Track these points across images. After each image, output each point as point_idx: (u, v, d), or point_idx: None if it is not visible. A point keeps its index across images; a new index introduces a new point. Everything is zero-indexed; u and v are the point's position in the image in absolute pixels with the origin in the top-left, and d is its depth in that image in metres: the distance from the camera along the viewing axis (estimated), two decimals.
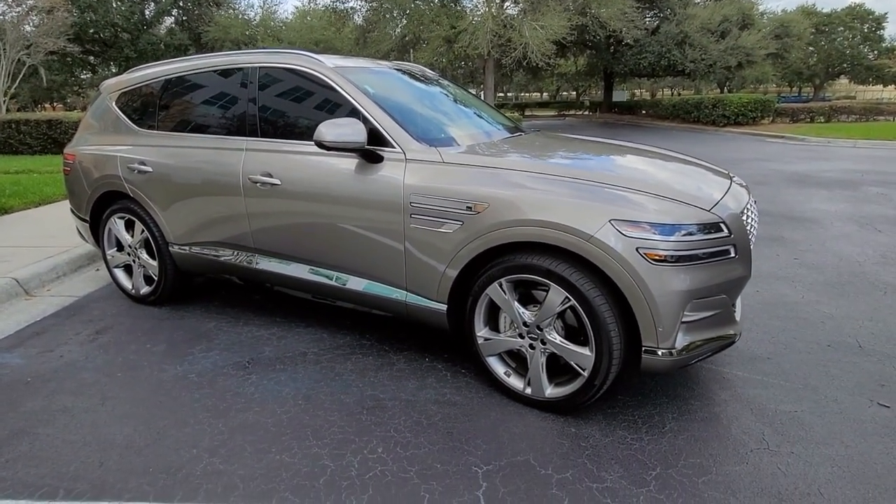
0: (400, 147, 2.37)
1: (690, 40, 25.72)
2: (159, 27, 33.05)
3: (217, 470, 1.88)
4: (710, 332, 2.04)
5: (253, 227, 2.81)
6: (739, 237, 2.01)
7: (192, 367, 2.62)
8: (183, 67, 3.16)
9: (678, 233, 1.89)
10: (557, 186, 2.05)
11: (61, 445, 2.03)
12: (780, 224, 5.29)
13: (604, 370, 2.00)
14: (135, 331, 3.06)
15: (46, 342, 2.92)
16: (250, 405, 2.28)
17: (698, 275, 1.92)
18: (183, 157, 3.00)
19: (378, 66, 3.09)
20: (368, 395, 2.35)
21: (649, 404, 2.26)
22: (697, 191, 2.10)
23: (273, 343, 2.87)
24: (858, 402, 2.25)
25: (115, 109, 3.42)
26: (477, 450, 1.98)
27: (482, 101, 3.61)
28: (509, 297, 2.17)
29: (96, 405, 2.30)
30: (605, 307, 1.96)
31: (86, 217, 3.56)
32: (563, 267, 2.00)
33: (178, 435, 2.08)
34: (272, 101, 2.79)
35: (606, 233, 1.90)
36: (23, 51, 17.32)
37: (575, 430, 2.09)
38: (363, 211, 2.41)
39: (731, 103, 19.48)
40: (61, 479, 1.85)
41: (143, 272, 3.41)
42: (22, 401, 2.35)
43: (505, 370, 2.32)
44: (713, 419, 2.15)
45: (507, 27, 19.19)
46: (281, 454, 1.96)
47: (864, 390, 2.33)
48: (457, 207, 2.17)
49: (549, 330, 2.11)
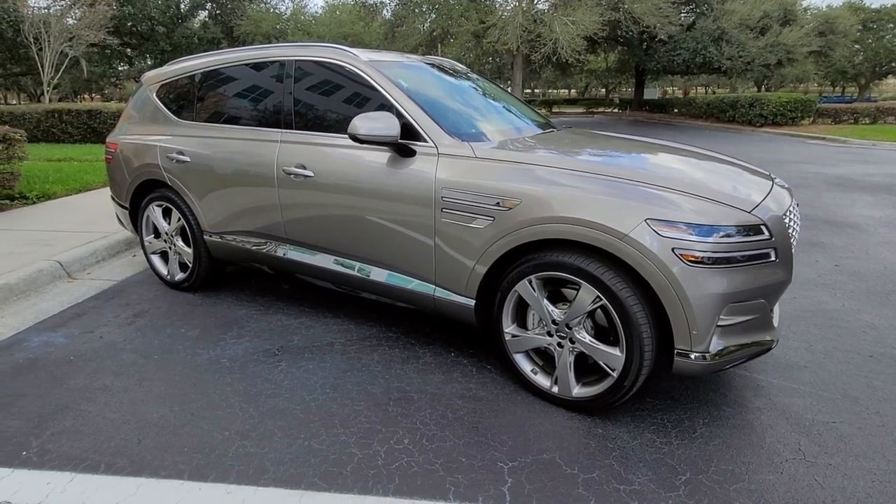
0: (433, 141, 2.37)
1: (728, 36, 24.98)
2: (193, 21, 33.83)
3: (248, 452, 1.93)
4: (746, 337, 1.98)
5: (285, 218, 2.86)
6: (781, 240, 1.95)
7: (225, 352, 2.69)
8: (220, 60, 3.22)
9: (716, 234, 1.84)
10: (590, 183, 2.02)
11: (102, 422, 2.11)
12: (819, 229, 5.10)
13: (634, 371, 1.97)
14: (170, 315, 3.15)
15: (87, 323, 3.04)
16: (280, 391, 2.33)
17: (736, 278, 1.87)
18: (219, 147, 3.07)
19: (410, 60, 3.10)
20: (395, 386, 2.37)
21: (679, 408, 2.22)
22: (737, 191, 2.04)
23: (301, 332, 2.92)
24: None
25: (154, 100, 3.52)
26: (503, 445, 1.97)
27: (514, 97, 3.58)
28: (539, 294, 2.15)
29: (134, 385, 2.39)
30: (638, 307, 1.92)
31: (126, 204, 3.68)
32: (595, 266, 1.97)
33: (211, 417, 2.14)
34: (307, 94, 2.82)
35: (641, 232, 1.86)
36: (66, 42, 17.96)
37: (602, 430, 2.07)
38: (395, 204, 2.43)
39: (770, 102, 18.84)
40: (102, 453, 1.92)
41: (178, 259, 3.51)
42: (66, 378, 2.45)
43: (532, 368, 2.30)
44: (746, 427, 2.09)
45: (536, 22, 18.99)
46: (310, 440, 2.00)
47: None
48: (488, 203, 2.17)
49: (578, 329, 2.09)
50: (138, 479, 1.80)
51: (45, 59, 17.64)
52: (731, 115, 20.82)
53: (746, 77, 30.24)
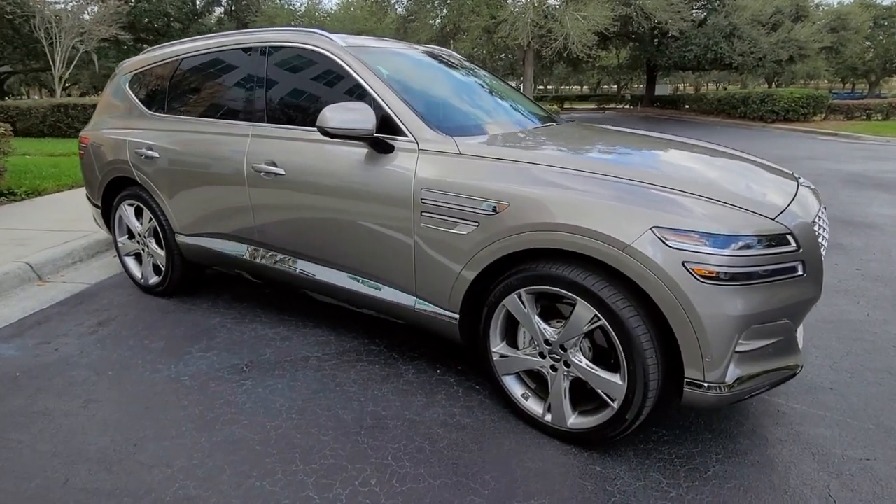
0: (413, 136, 2.11)
1: (739, 32, 24.46)
2: (210, 17, 33.77)
3: (188, 496, 1.68)
4: (769, 364, 1.71)
5: (257, 220, 2.61)
6: (810, 252, 1.67)
7: (187, 368, 2.45)
8: (194, 47, 2.98)
9: (734, 245, 1.57)
10: (589, 185, 1.75)
11: (29, 456, 1.87)
12: (836, 229, 4.78)
13: (637, 403, 1.71)
14: (137, 324, 2.93)
15: (46, 333, 2.82)
16: (239, 417, 2.08)
17: (758, 296, 1.60)
18: (188, 142, 2.83)
19: (397, 47, 2.83)
20: (369, 411, 2.12)
21: (689, 441, 1.95)
22: (759, 195, 1.76)
23: (276, 344, 2.68)
24: None
25: (127, 91, 3.29)
26: (485, 488, 1.72)
27: (512, 88, 3.31)
28: (529, 310, 1.89)
29: (78, 408, 2.15)
30: (642, 329, 1.66)
31: (98, 202, 3.46)
32: (593, 280, 1.71)
33: (156, 449, 1.90)
34: (280, 84, 2.57)
35: (646, 242, 1.59)
36: (77, 38, 17.87)
37: (601, 468, 1.81)
38: (372, 206, 2.17)
39: (782, 98, 18.37)
40: (19, 498, 1.68)
41: (151, 262, 3.29)
42: (4, 399, 2.22)
43: (523, 392, 2.04)
44: (767, 464, 1.82)
45: (548, 17, 18.61)
46: (262, 480, 1.75)
47: None
48: (473, 206, 1.90)
49: (574, 351, 1.83)
50: None
51: (57, 55, 17.57)
52: (743, 112, 20.36)
53: (757, 73, 29.60)
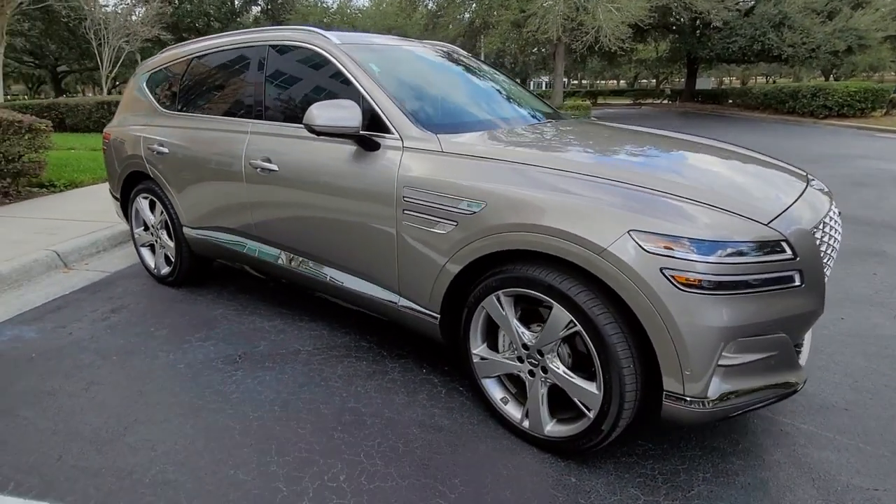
0: (398, 133, 2.08)
1: (790, 22, 23.11)
2: (247, 16, 34.73)
3: (167, 480, 1.72)
4: (761, 380, 1.60)
5: (254, 214, 2.65)
6: (808, 261, 1.55)
7: (185, 356, 2.52)
8: (203, 47, 3.05)
9: (720, 251, 1.47)
10: (567, 185, 1.68)
11: (33, 432, 1.97)
12: (881, 235, 4.46)
13: (613, 414, 1.63)
14: (146, 312, 3.03)
15: (63, 317, 2.96)
16: (225, 406, 2.13)
17: (746, 307, 1.49)
18: (193, 139, 2.91)
19: (399, 44, 2.81)
20: (349, 407, 2.12)
21: (676, 456, 1.85)
22: (754, 198, 1.64)
23: (271, 337, 2.72)
24: None
25: (144, 89, 3.40)
26: (452, 492, 1.68)
27: (517, 84, 3.23)
28: (507, 313, 1.84)
29: (80, 390, 2.25)
30: (618, 337, 1.58)
31: (117, 195, 3.60)
32: (570, 284, 1.64)
33: (144, 432, 1.96)
34: (277, 82, 2.59)
35: (623, 246, 1.51)
36: (123, 38, 18.76)
37: (575, 480, 1.74)
38: (359, 203, 2.16)
39: (835, 92, 17.28)
40: (18, 469, 1.77)
41: (163, 253, 3.40)
42: (20, 378, 2.35)
43: (502, 396, 1.99)
44: (758, 487, 1.71)
45: (579, 10, 18.12)
46: (237, 469, 1.77)
47: None
48: (452, 205, 1.86)
49: (551, 357, 1.77)
50: (40, 503, 1.63)
51: (104, 55, 18.51)
52: (791, 107, 19.28)
53: (811, 65, 27.91)
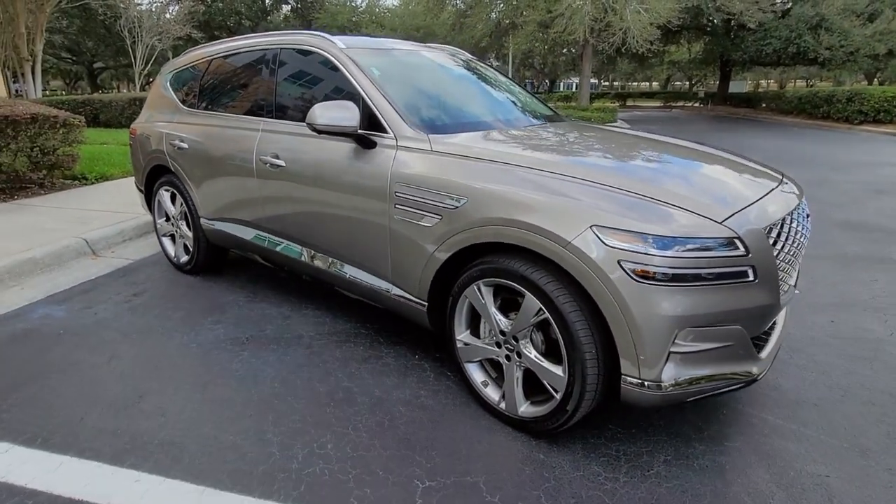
0: (393, 133, 2.24)
1: (828, 24, 22.47)
2: (277, 14, 35.54)
3: (173, 441, 1.92)
4: (716, 368, 1.70)
5: (263, 206, 2.85)
6: (761, 258, 1.64)
7: (197, 337, 2.73)
8: (221, 49, 3.27)
9: (675, 247, 1.58)
10: (541, 182, 1.81)
11: (58, 397, 2.21)
12: (892, 243, 4.41)
13: (576, 394, 1.75)
14: (164, 297, 3.27)
15: (90, 299, 3.22)
16: (230, 381, 2.32)
17: (698, 298, 1.60)
18: (210, 135, 3.12)
19: (405, 48, 2.97)
20: (343, 386, 2.29)
21: (642, 440, 1.96)
22: (713, 197, 1.74)
23: (277, 322, 2.91)
24: None
25: (168, 88, 3.65)
26: (428, 462, 1.83)
27: (520, 88, 3.36)
28: (487, 301, 1.98)
29: (103, 362, 2.48)
30: (581, 324, 1.70)
31: (142, 188, 3.87)
32: (540, 275, 1.77)
33: (157, 401, 2.17)
34: (287, 83, 2.78)
35: (585, 240, 1.64)
36: (156, 36, 19.51)
37: (544, 456, 1.87)
38: (356, 198, 2.33)
39: (871, 97, 16.72)
40: (44, 428, 2.00)
41: (182, 242, 3.64)
42: (48, 350, 2.60)
43: (483, 379, 2.13)
44: (714, 470, 1.81)
45: (607, 11, 18.01)
46: (236, 435, 1.96)
47: None
48: (437, 200, 2.01)
49: (525, 342, 1.90)
50: (63, 456, 1.84)
51: (138, 52, 19.29)
52: (826, 111, 18.75)
53: (852, 69, 26.99)
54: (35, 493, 1.68)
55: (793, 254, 1.85)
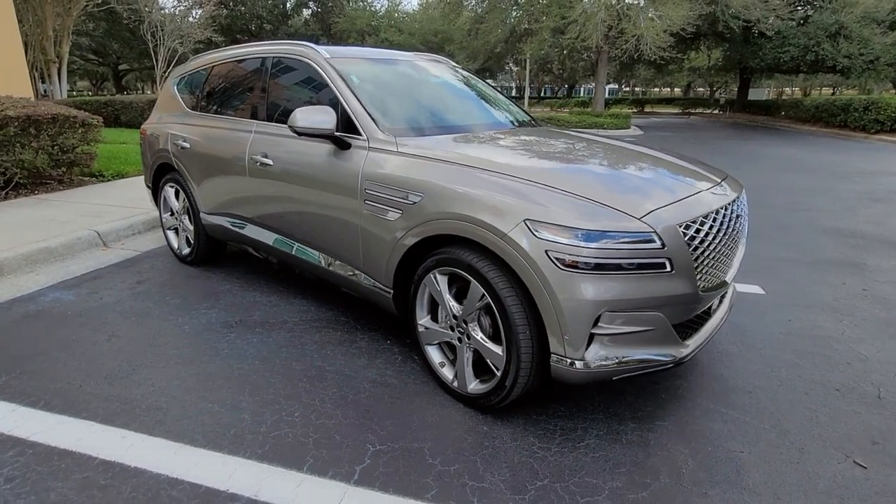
0: (366, 135, 2.47)
1: (847, 31, 22.24)
2: (298, 19, 36.25)
3: (158, 406, 2.16)
4: (639, 351, 1.88)
5: (255, 202, 3.10)
6: (677, 251, 1.82)
7: (190, 320, 2.99)
8: (223, 56, 3.54)
9: (598, 240, 1.77)
10: (486, 181, 2.01)
11: (62, 367, 2.47)
12: (871, 249, 4.50)
13: (513, 371, 1.95)
14: (165, 285, 3.54)
15: (97, 286, 3.50)
16: (215, 359, 2.56)
17: (618, 286, 1.78)
18: (209, 136, 3.39)
19: (389, 57, 3.20)
20: (317, 365, 2.51)
21: (580, 417, 2.14)
22: (637, 196, 1.93)
23: (265, 309, 3.15)
24: (830, 456, 1.92)
25: (175, 91, 3.93)
26: (382, 430, 2.04)
27: (504, 95, 3.56)
28: (442, 288, 2.18)
29: (103, 340, 2.74)
30: (517, 308, 1.90)
31: (149, 184, 4.16)
32: (483, 264, 1.97)
33: (147, 374, 2.42)
34: (278, 89, 3.03)
35: (519, 232, 1.84)
36: (177, 40, 20.15)
37: (486, 428, 2.06)
38: (332, 195, 2.55)
39: (888, 106, 16.55)
40: (47, 392, 2.26)
41: (185, 235, 3.91)
42: (57, 329, 2.87)
43: (440, 360, 2.33)
44: (639, 443, 1.98)
45: (621, 18, 18.11)
46: (214, 403, 2.19)
47: (848, 445, 1.98)
48: (399, 196, 2.23)
49: (473, 325, 2.10)
50: (61, 416, 2.09)
51: (160, 55, 19.93)
52: (843, 120, 18.59)
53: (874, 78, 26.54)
54: (35, 444, 1.93)
55: (719, 250, 2.02)
